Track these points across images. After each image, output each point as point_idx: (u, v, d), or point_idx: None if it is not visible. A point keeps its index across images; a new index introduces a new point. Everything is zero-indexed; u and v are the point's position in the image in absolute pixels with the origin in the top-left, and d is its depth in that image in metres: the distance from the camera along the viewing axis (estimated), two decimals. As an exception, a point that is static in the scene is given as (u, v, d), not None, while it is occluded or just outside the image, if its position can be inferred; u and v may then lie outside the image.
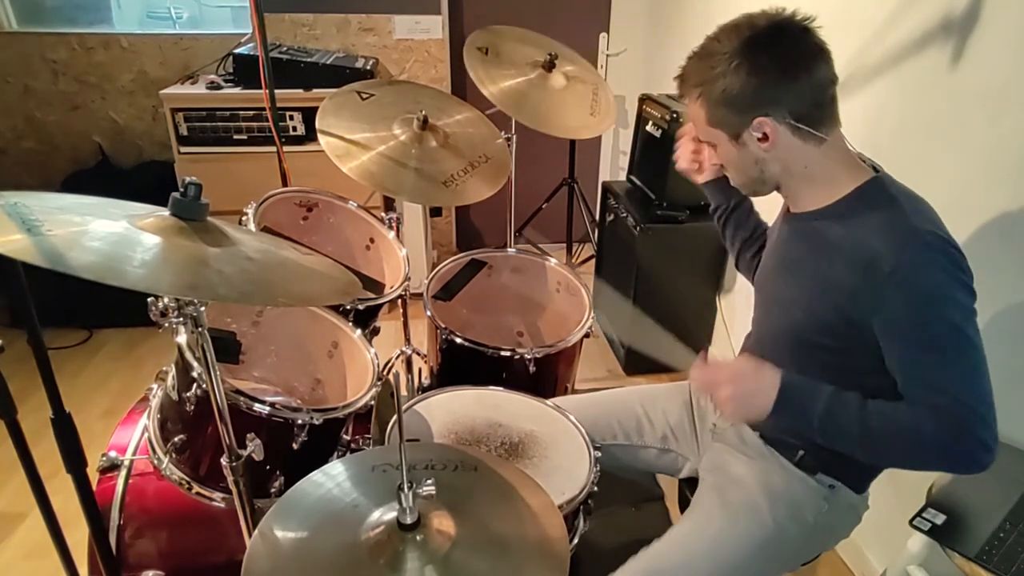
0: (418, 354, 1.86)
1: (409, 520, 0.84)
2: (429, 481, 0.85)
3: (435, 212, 3.33)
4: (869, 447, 1.00)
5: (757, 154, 1.05)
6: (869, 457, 1.06)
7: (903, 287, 0.95)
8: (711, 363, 1.07)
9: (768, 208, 1.34)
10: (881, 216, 1.00)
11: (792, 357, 1.11)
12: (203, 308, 0.89)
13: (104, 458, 1.29)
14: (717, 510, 1.20)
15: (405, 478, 0.83)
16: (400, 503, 0.84)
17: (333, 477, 0.97)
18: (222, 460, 1.01)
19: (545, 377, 1.62)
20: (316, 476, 0.97)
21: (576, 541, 1.21)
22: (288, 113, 2.60)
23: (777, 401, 1.00)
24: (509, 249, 1.96)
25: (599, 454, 1.27)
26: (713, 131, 1.07)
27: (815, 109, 1.01)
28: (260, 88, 1.88)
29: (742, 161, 1.08)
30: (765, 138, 1.02)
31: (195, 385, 1.09)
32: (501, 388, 1.45)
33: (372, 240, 1.79)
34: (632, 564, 1.13)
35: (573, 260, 3.38)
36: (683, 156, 1.38)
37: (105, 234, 0.79)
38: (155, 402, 1.25)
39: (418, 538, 0.84)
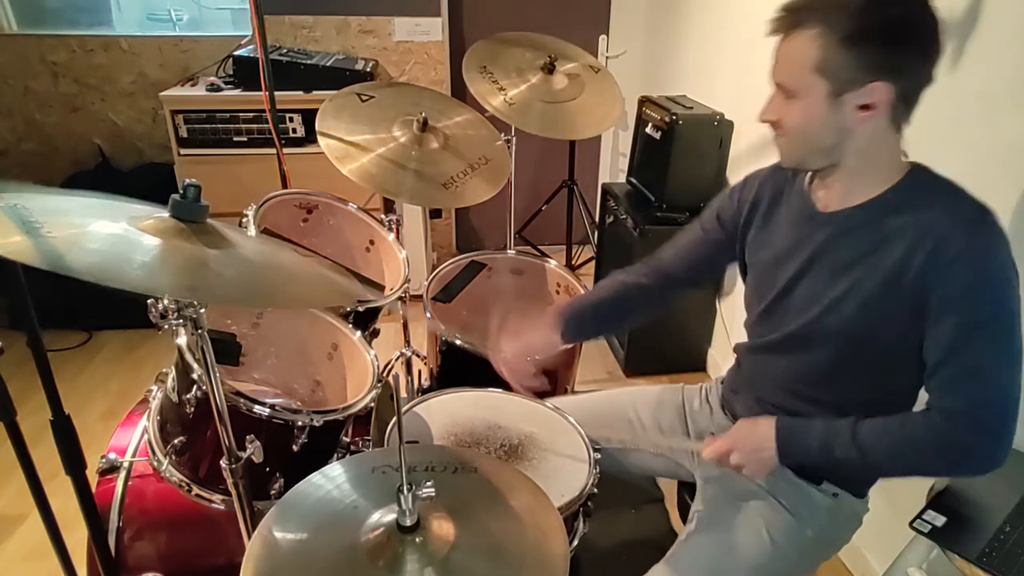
0: (418, 356, 1.86)
1: (408, 522, 0.84)
2: (429, 483, 0.85)
3: (435, 214, 3.33)
4: (876, 466, 1.04)
5: (847, 122, 0.96)
6: (885, 474, 1.09)
7: (971, 265, 0.93)
8: (717, 438, 1.13)
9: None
10: (941, 201, 0.98)
11: (839, 356, 1.08)
12: (203, 310, 0.89)
13: (103, 460, 1.29)
14: (715, 531, 1.17)
15: (405, 480, 0.83)
16: (400, 505, 0.84)
17: (332, 479, 0.97)
18: (222, 462, 1.01)
19: (545, 378, 1.62)
20: (315, 478, 0.96)
21: (576, 543, 1.20)
22: (288, 115, 2.61)
23: (778, 449, 1.06)
24: (509, 251, 1.96)
25: (599, 456, 1.27)
26: (810, 79, 0.95)
27: (917, 95, 0.96)
28: (260, 90, 1.89)
29: (823, 125, 0.98)
30: (868, 108, 0.94)
31: (195, 387, 1.09)
32: (500, 390, 1.45)
33: (372, 242, 1.79)
34: None
35: (573, 262, 3.38)
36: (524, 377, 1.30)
37: (105, 235, 0.79)
38: (155, 404, 1.25)
39: (417, 540, 0.84)
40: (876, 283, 1.01)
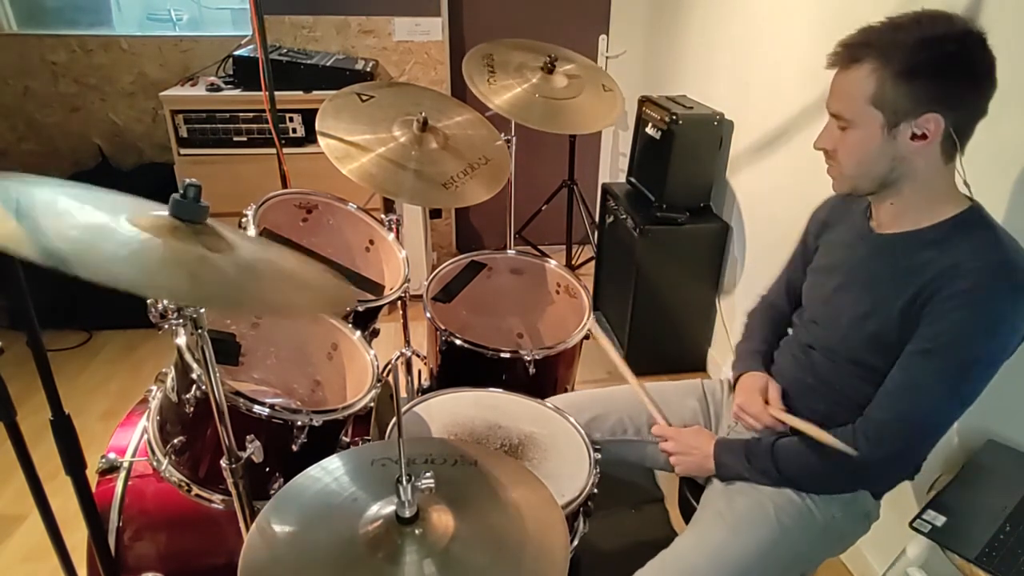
0: (418, 356, 1.86)
1: (408, 514, 0.84)
2: (428, 475, 0.85)
3: (435, 214, 3.33)
4: (790, 480, 1.15)
5: (902, 151, 1.00)
6: (800, 488, 1.17)
7: (967, 308, 0.97)
8: (669, 431, 1.32)
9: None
10: (978, 241, 1.00)
11: (851, 366, 1.13)
12: (203, 310, 0.89)
13: (103, 460, 1.29)
14: (722, 518, 1.19)
15: (404, 471, 0.83)
16: (399, 497, 0.84)
17: (331, 471, 0.97)
18: (221, 462, 1.01)
19: (545, 379, 1.62)
20: (314, 471, 0.97)
21: (576, 543, 1.20)
22: (288, 115, 2.60)
23: (716, 461, 1.22)
24: (509, 251, 1.96)
25: (599, 456, 1.27)
26: (867, 111, 0.98)
27: (970, 127, 1.00)
28: (260, 90, 1.89)
29: (877, 154, 1.01)
30: (923, 137, 0.97)
31: (195, 387, 1.09)
32: (501, 390, 1.45)
33: (372, 242, 1.79)
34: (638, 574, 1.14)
35: (573, 262, 3.38)
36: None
37: (105, 235, 0.79)
38: (154, 404, 1.25)
39: (417, 532, 0.84)
40: (896, 309, 1.05)
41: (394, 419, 1.26)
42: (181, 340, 1.09)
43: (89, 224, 0.78)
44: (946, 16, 0.96)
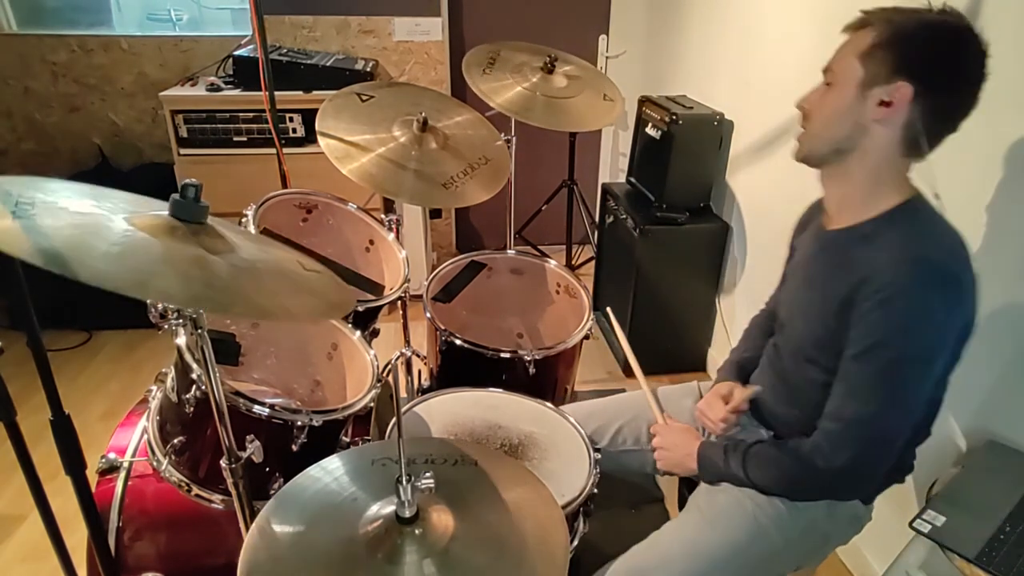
0: (418, 356, 1.86)
1: (408, 514, 0.84)
2: (428, 475, 0.85)
3: (435, 214, 3.33)
4: (759, 484, 1.16)
5: (865, 118, 1.01)
6: (769, 493, 1.17)
7: (883, 307, 0.97)
8: (660, 427, 1.32)
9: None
10: (898, 238, 1.01)
11: (810, 368, 1.14)
12: (202, 310, 0.89)
13: (103, 460, 1.29)
14: (701, 512, 1.21)
15: (404, 471, 0.83)
16: (399, 496, 0.84)
17: (331, 471, 0.97)
18: (221, 462, 1.01)
19: (545, 379, 1.62)
20: (314, 471, 0.97)
21: (576, 543, 1.20)
22: (288, 115, 2.60)
23: (698, 460, 1.22)
24: (509, 251, 1.96)
25: (599, 456, 1.27)
26: (852, 65, 1.01)
27: (939, 129, 1.01)
28: (260, 90, 1.89)
29: (844, 113, 1.03)
30: (888, 104, 0.99)
31: (194, 387, 1.09)
32: (501, 390, 1.45)
33: (372, 242, 1.79)
34: (614, 565, 1.16)
35: (573, 262, 3.38)
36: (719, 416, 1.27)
37: (104, 234, 0.79)
38: (154, 404, 1.25)
39: (417, 532, 0.84)
40: (832, 311, 1.05)
41: (394, 419, 1.26)
42: (181, 340, 1.09)
43: (85, 222, 0.78)
44: (958, 13, 0.99)
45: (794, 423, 1.18)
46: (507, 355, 1.55)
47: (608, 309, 1.60)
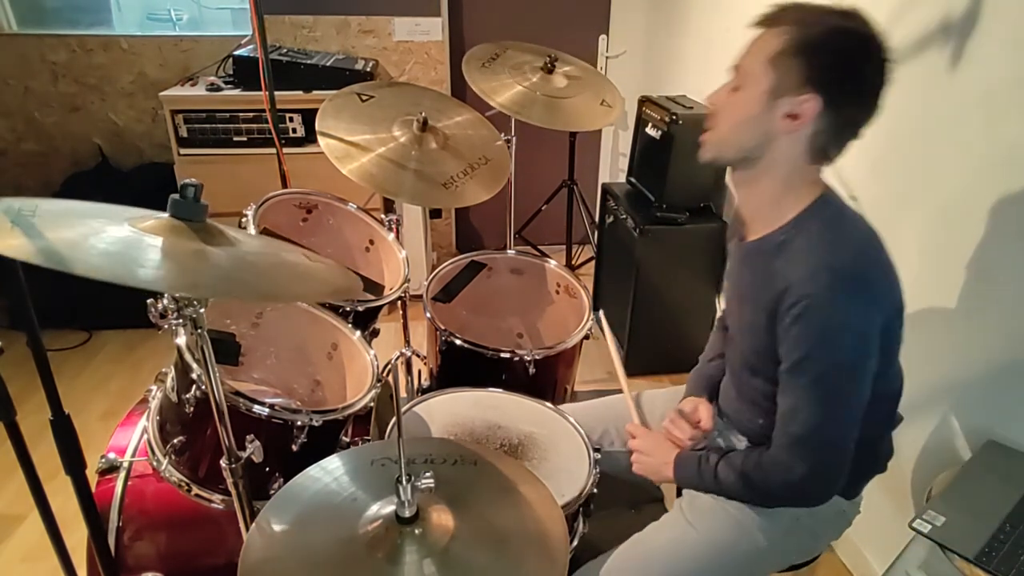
0: (418, 356, 1.86)
1: (407, 513, 0.84)
2: (428, 474, 0.85)
3: (435, 214, 3.33)
4: (730, 493, 1.15)
5: (773, 128, 1.00)
6: (741, 500, 1.17)
7: (800, 321, 0.98)
8: (641, 430, 1.30)
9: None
10: (805, 245, 1.01)
11: (757, 379, 1.15)
12: (203, 309, 0.89)
13: (103, 460, 1.29)
14: (683, 513, 1.22)
15: (403, 471, 0.83)
16: (398, 496, 0.84)
17: (331, 471, 0.97)
18: (221, 462, 1.01)
19: (545, 379, 1.62)
20: (313, 471, 0.97)
21: (576, 543, 1.21)
22: (288, 115, 2.60)
23: (675, 471, 1.21)
24: (509, 251, 1.96)
25: (599, 456, 1.27)
26: (762, 69, 0.99)
27: (844, 138, 1.01)
28: (260, 90, 1.89)
29: (753, 121, 1.02)
30: (795, 117, 0.98)
31: (194, 387, 1.09)
32: (500, 390, 1.45)
33: (372, 242, 1.79)
34: (597, 565, 1.17)
35: (573, 262, 3.38)
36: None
37: (104, 234, 0.79)
38: (154, 404, 1.25)
39: (416, 531, 0.84)
40: (762, 324, 1.06)
41: (394, 419, 1.26)
42: (181, 340, 1.09)
43: (85, 226, 0.78)
44: (864, 18, 0.98)
45: (759, 431, 1.18)
46: (507, 355, 1.55)
47: (601, 313, 1.59)
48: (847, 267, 0.98)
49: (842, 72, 0.96)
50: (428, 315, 1.64)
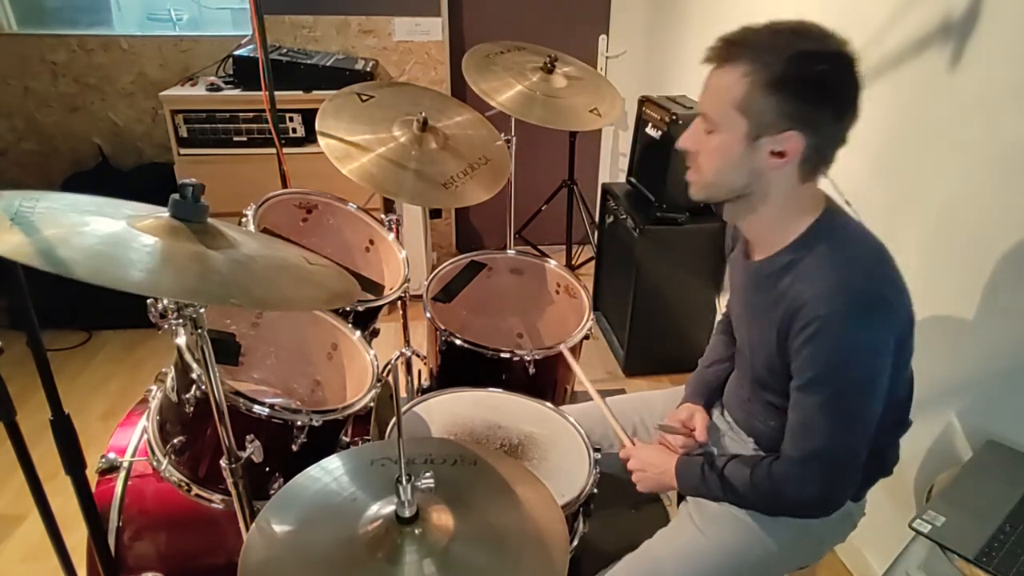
0: (418, 356, 1.86)
1: (407, 513, 0.84)
2: (427, 474, 0.85)
3: (435, 214, 3.33)
4: (738, 502, 1.15)
5: (759, 165, 0.98)
6: (747, 507, 1.16)
7: (814, 341, 0.97)
8: (631, 450, 1.27)
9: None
10: (815, 264, 1.00)
11: (768, 392, 1.15)
12: (203, 310, 0.89)
13: (103, 460, 1.29)
14: (692, 519, 1.21)
15: (403, 471, 0.83)
16: (398, 496, 0.84)
17: (331, 471, 0.97)
18: (221, 462, 1.01)
19: (545, 379, 1.62)
20: (313, 471, 0.97)
21: (576, 543, 1.20)
22: (288, 115, 2.60)
23: (676, 478, 1.20)
24: (509, 251, 1.96)
25: (599, 456, 1.27)
26: (732, 116, 0.96)
27: (832, 152, 0.99)
28: (260, 90, 1.89)
29: (737, 164, 0.99)
30: (781, 155, 0.96)
31: (194, 387, 1.09)
32: (501, 390, 1.45)
33: (372, 242, 1.79)
34: (601, 574, 1.16)
35: (573, 262, 3.38)
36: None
37: (104, 235, 0.79)
38: (154, 404, 1.25)
39: (416, 532, 0.84)
40: (773, 342, 1.06)
41: (394, 419, 1.26)
42: (181, 340, 1.09)
43: (79, 222, 0.78)
44: (822, 32, 0.95)
45: (772, 434, 1.18)
46: (507, 355, 1.55)
47: (565, 349, 1.57)
48: (861, 288, 0.97)
49: (817, 98, 0.94)
50: (428, 315, 1.64)
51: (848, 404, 1.00)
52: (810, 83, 0.93)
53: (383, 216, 1.78)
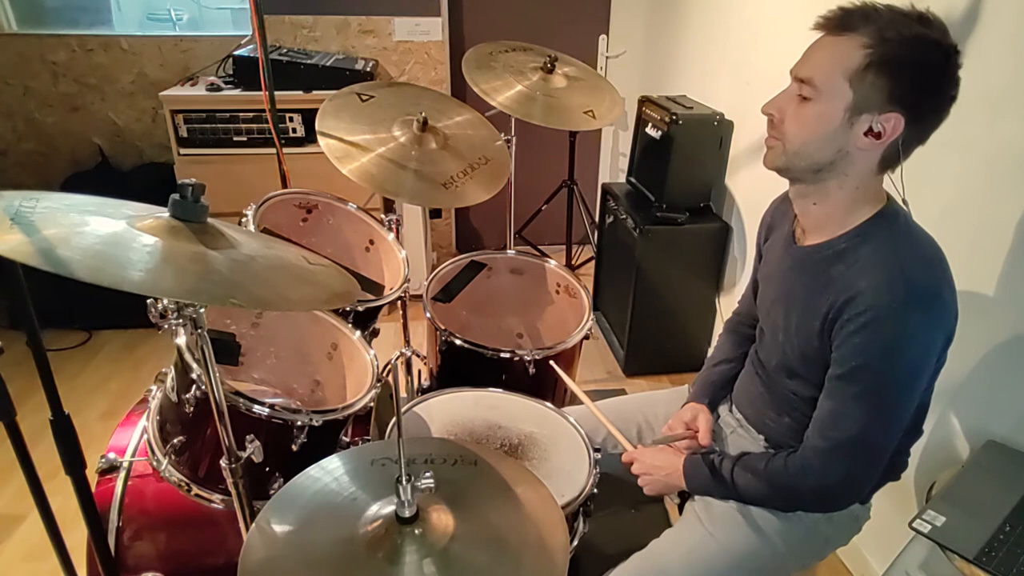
0: (418, 356, 1.86)
1: (407, 513, 0.84)
2: (428, 474, 0.85)
3: (435, 214, 3.33)
4: (750, 499, 1.15)
5: (851, 144, 0.96)
6: (758, 504, 1.17)
7: (865, 330, 0.96)
8: (634, 454, 1.26)
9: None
10: (874, 254, 0.99)
11: (797, 382, 1.14)
12: (203, 310, 0.89)
13: (103, 460, 1.29)
14: (699, 520, 1.20)
15: (403, 471, 0.83)
16: (398, 496, 0.84)
17: (331, 471, 0.97)
18: (221, 462, 1.01)
19: (545, 379, 1.62)
20: (313, 471, 0.96)
21: (576, 543, 1.20)
22: (288, 115, 2.60)
23: (685, 478, 1.19)
24: (509, 251, 1.96)
25: (599, 456, 1.27)
26: (840, 85, 0.93)
27: (914, 147, 0.99)
28: (260, 90, 1.89)
29: (829, 138, 0.97)
30: (877, 136, 0.94)
31: (194, 387, 1.09)
32: (500, 390, 1.45)
33: (372, 242, 1.79)
34: (612, 574, 1.15)
35: (573, 262, 3.38)
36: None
37: (104, 235, 0.79)
38: (154, 404, 1.25)
39: (416, 532, 0.84)
40: (815, 329, 1.05)
41: (394, 419, 1.26)
42: (181, 340, 1.09)
43: (79, 222, 0.78)
44: (943, 25, 0.94)
45: (786, 431, 1.18)
46: (507, 355, 1.55)
47: (558, 369, 1.56)
48: (922, 282, 0.96)
49: (927, 88, 0.93)
50: (428, 315, 1.64)
51: (889, 396, 0.99)
52: (925, 71, 0.92)
53: (383, 216, 1.78)
